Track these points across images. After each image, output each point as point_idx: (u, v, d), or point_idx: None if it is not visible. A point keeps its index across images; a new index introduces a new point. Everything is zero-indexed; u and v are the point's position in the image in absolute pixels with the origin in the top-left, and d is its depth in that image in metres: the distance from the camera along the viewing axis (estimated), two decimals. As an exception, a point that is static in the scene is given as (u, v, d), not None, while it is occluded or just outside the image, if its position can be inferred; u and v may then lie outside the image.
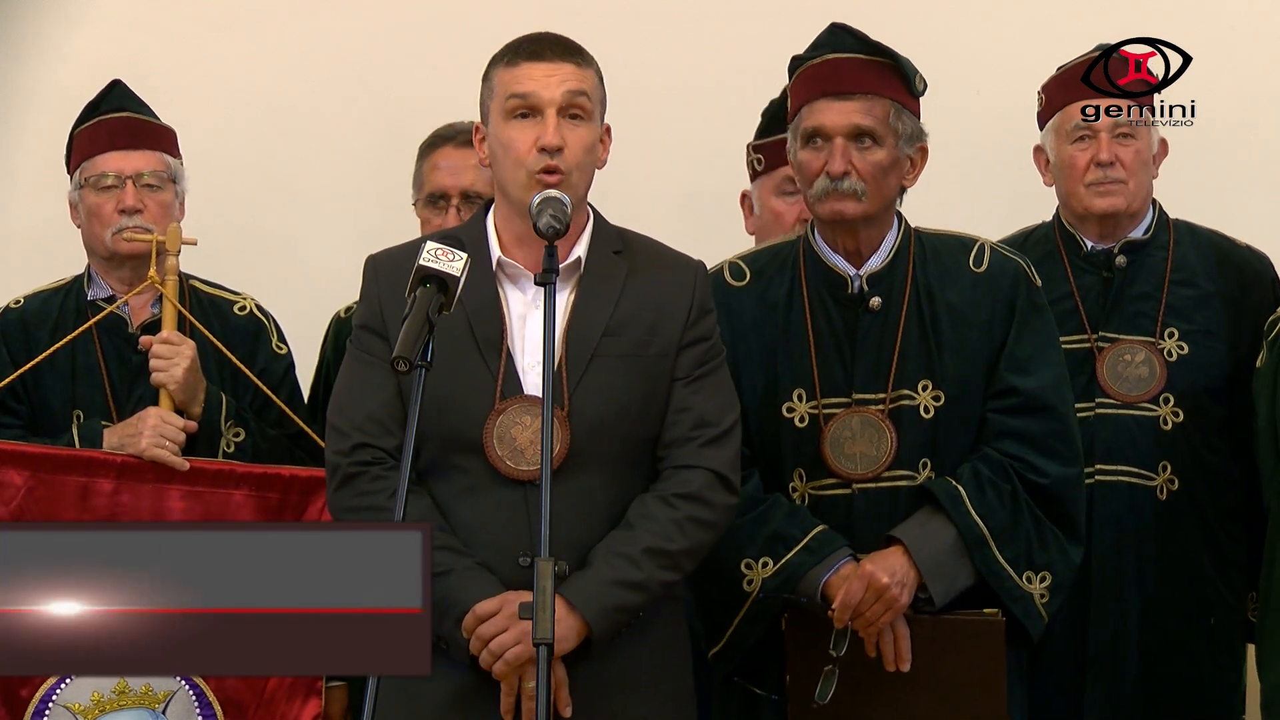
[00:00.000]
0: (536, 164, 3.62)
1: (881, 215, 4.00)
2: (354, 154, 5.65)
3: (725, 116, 5.41)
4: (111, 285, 4.60)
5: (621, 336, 3.66)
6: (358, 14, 5.79)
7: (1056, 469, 3.95)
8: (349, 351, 3.75)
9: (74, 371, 4.54)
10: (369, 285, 3.74)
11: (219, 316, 4.63)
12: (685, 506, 3.64)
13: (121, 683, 4.27)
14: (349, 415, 3.67)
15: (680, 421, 3.68)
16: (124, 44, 5.65)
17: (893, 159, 3.96)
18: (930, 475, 3.96)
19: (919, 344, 3.98)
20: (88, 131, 4.61)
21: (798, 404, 4.00)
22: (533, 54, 3.67)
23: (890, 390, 3.97)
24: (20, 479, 4.28)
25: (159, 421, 4.36)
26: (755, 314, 4.04)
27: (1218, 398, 4.61)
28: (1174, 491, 4.59)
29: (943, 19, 5.63)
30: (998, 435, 3.96)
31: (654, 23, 5.70)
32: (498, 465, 3.61)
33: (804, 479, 4.00)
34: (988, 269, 4.01)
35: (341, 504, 3.66)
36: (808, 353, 4.01)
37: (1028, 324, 3.99)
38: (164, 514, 4.30)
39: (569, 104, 3.64)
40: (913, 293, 4.00)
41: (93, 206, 4.56)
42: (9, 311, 4.63)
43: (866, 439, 3.96)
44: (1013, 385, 3.96)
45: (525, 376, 3.65)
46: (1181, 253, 4.70)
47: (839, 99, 3.95)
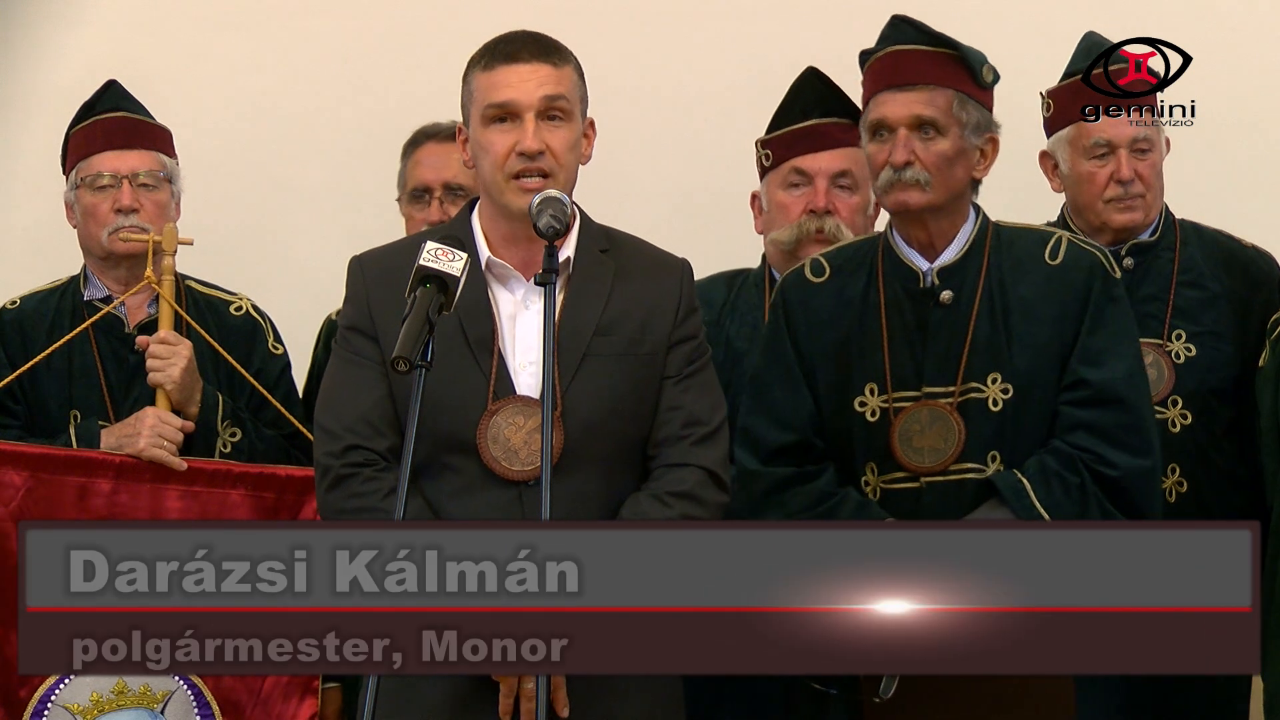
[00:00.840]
0: (514, 166, 3.62)
1: (951, 206, 3.99)
2: (350, 155, 5.65)
3: (723, 117, 5.41)
4: (108, 285, 4.59)
5: (613, 336, 3.66)
6: (355, 15, 5.79)
7: (1127, 461, 3.91)
8: (336, 352, 3.74)
9: (71, 372, 4.53)
10: (355, 286, 3.73)
11: (215, 317, 4.62)
12: (679, 505, 3.64)
13: (120, 682, 4.27)
14: (340, 417, 3.66)
15: (671, 420, 3.68)
16: (123, 44, 5.64)
17: (958, 149, 3.96)
18: (999, 468, 3.95)
19: (989, 337, 3.97)
20: (83, 131, 4.61)
21: (869, 398, 4.00)
22: (508, 56, 3.66)
23: (959, 383, 3.96)
24: (19, 479, 4.28)
25: (157, 422, 4.36)
26: (832, 310, 4.04)
27: (1226, 399, 4.60)
28: (1182, 494, 4.57)
29: (943, 19, 5.61)
30: (1069, 428, 3.93)
31: (654, 23, 5.70)
32: (492, 466, 3.61)
33: (876, 472, 4.00)
34: (1063, 261, 4.00)
35: (333, 505, 3.64)
36: (880, 347, 4.01)
37: (1102, 316, 3.97)
38: (161, 514, 4.31)
39: (547, 108, 3.64)
40: (985, 286, 3.99)
41: (89, 206, 4.55)
42: (5, 312, 4.63)
43: (935, 432, 3.96)
44: (1084, 377, 3.94)
45: (517, 377, 3.64)
46: (1188, 254, 4.70)
47: (901, 90, 3.97)
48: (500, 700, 3.58)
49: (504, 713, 3.58)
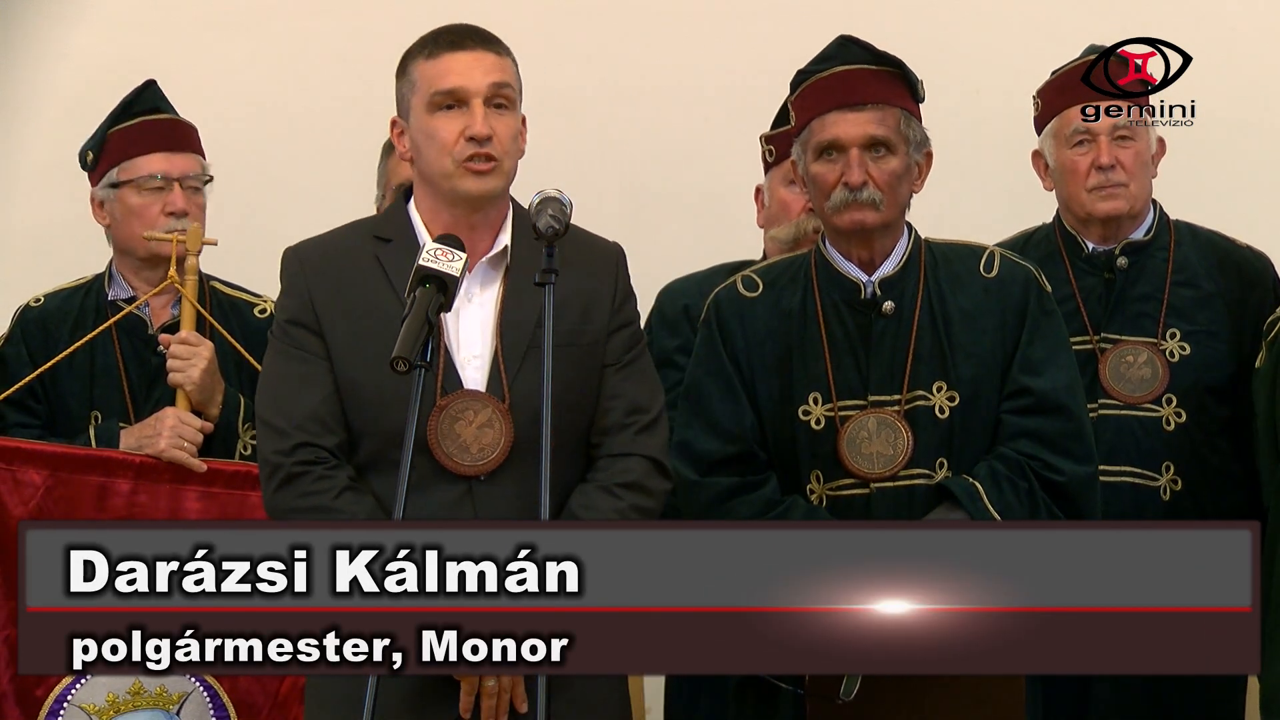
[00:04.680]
0: (464, 152, 3.60)
1: (895, 223, 4.03)
2: (351, 155, 5.64)
3: (728, 112, 5.41)
4: (134, 286, 4.59)
5: (555, 326, 3.59)
6: (355, 15, 5.78)
7: (1071, 467, 3.96)
8: (274, 347, 3.67)
9: (92, 372, 4.53)
10: (294, 278, 3.67)
11: (238, 318, 4.62)
12: (628, 495, 3.63)
13: (136, 683, 4.28)
14: (287, 414, 3.59)
15: (613, 409, 3.67)
16: (124, 44, 5.65)
17: (906, 166, 4.00)
18: (947, 474, 3.98)
19: (932, 347, 4.00)
20: (127, 131, 4.58)
21: (814, 407, 4.02)
22: (453, 44, 3.65)
23: (905, 391, 3.99)
24: (40, 478, 4.29)
25: (177, 423, 4.35)
26: (769, 322, 4.06)
27: (1220, 398, 4.60)
28: (1177, 492, 4.58)
29: (943, 20, 5.63)
30: (1013, 435, 3.98)
31: (652, 23, 5.70)
32: (444, 462, 3.57)
33: (821, 480, 4.01)
34: (998, 275, 4.05)
35: (283, 504, 3.58)
36: (822, 357, 4.03)
37: (1039, 328, 4.02)
38: (180, 514, 4.31)
39: (494, 94, 3.63)
40: (925, 297, 4.03)
41: (136, 207, 4.53)
42: (29, 310, 4.62)
43: (883, 439, 3.98)
44: (1026, 386, 3.98)
45: (464, 371, 3.61)
46: (1182, 253, 4.70)
47: (852, 110, 3.98)
48: (461, 698, 3.55)
49: (464, 710, 3.56)
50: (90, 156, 4.61)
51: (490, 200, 3.64)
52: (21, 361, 4.52)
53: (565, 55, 5.46)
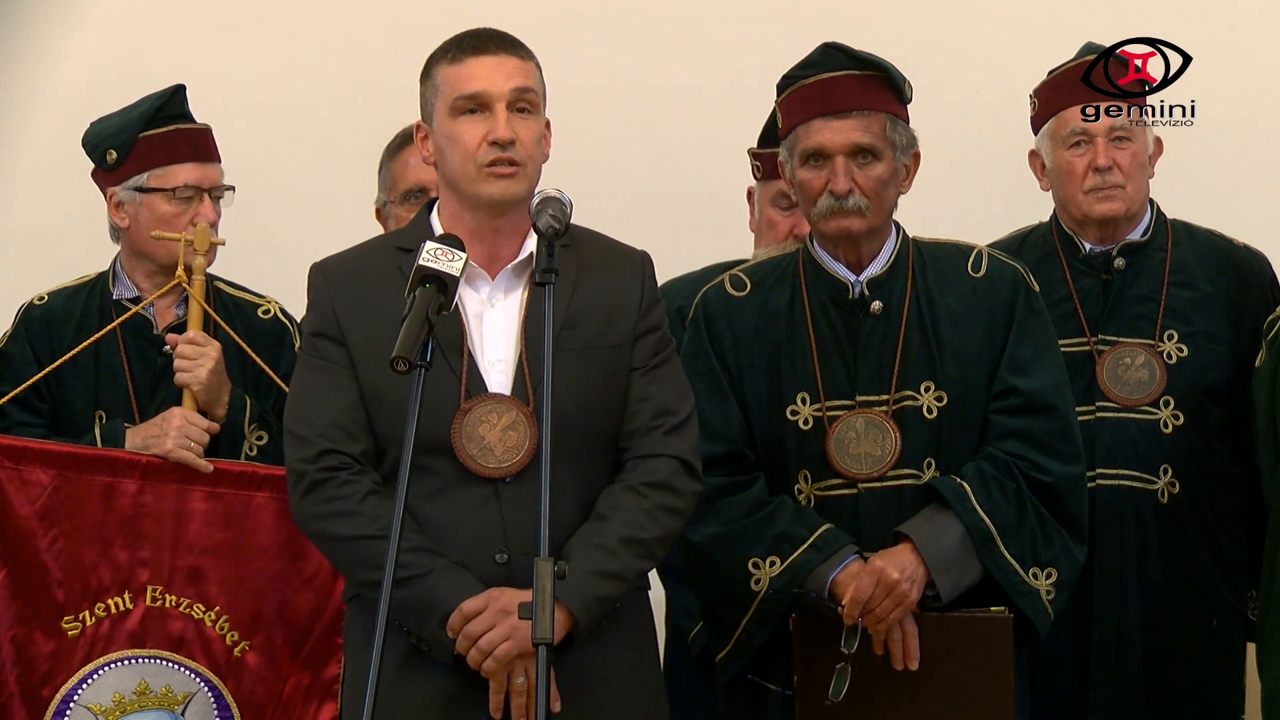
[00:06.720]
0: (486, 156, 3.62)
1: (882, 227, 4.04)
2: (352, 156, 5.64)
3: (723, 118, 5.42)
4: (140, 286, 4.58)
5: (578, 330, 3.66)
6: (358, 15, 5.79)
7: (1059, 467, 3.98)
8: (302, 359, 3.74)
9: (97, 372, 4.52)
10: (319, 292, 3.72)
11: (243, 319, 4.62)
12: (655, 495, 3.64)
13: (142, 683, 4.29)
14: (311, 422, 3.64)
15: (641, 411, 3.69)
16: (124, 44, 5.65)
17: (891, 171, 4.01)
18: (935, 475, 3.98)
19: (920, 347, 4.01)
20: (161, 138, 4.56)
21: (801, 407, 4.02)
22: (476, 49, 3.67)
23: (893, 392, 4.00)
24: (47, 478, 4.29)
25: (183, 423, 4.35)
26: (756, 322, 4.08)
27: (1218, 400, 4.60)
28: (1175, 494, 4.58)
29: (942, 19, 5.63)
30: (1000, 435, 3.99)
31: (652, 24, 5.70)
32: (468, 464, 3.60)
33: (809, 480, 4.02)
34: (986, 274, 4.06)
35: (309, 511, 3.63)
36: (810, 357, 4.04)
37: (1026, 327, 4.03)
38: (186, 515, 4.32)
39: (517, 99, 3.65)
40: (913, 297, 4.04)
41: (165, 215, 4.52)
42: (33, 308, 4.61)
43: (871, 439, 3.99)
44: (1014, 386, 3.99)
45: (488, 375, 3.65)
46: (1180, 254, 4.70)
47: (836, 118, 3.99)
48: (490, 697, 3.58)
49: (494, 709, 3.58)
50: (114, 155, 4.58)
51: (513, 205, 3.66)
52: (25, 360, 4.52)
53: (565, 55, 5.44)
